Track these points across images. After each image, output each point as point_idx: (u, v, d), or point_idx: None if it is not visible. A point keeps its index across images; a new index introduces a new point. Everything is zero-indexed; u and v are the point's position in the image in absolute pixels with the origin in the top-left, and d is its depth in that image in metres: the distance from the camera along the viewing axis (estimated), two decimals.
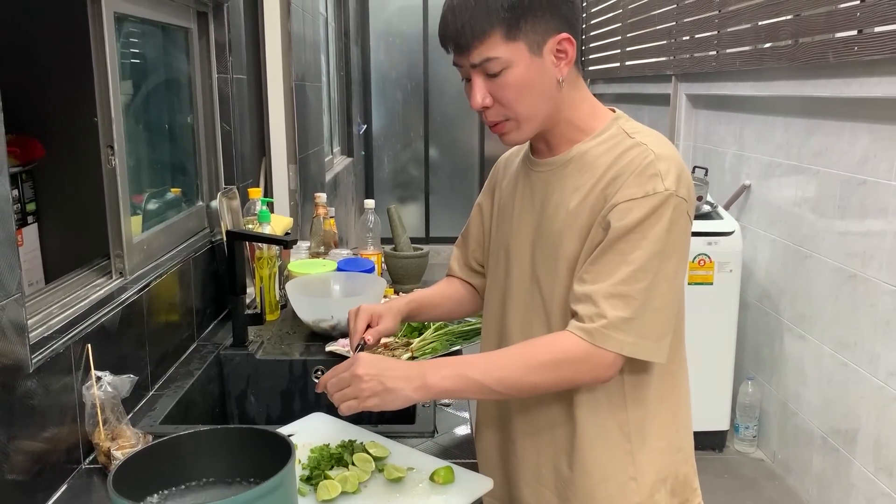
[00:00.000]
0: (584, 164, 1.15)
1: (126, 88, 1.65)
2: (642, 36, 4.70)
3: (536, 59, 1.09)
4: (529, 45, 1.08)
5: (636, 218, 1.06)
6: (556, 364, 1.09)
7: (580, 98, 1.17)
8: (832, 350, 2.79)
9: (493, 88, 1.11)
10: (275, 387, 1.79)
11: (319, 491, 1.12)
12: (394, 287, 2.28)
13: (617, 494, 1.18)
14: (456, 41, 1.09)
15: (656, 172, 1.08)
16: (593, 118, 1.18)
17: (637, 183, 1.08)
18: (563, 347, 1.08)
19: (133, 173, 1.65)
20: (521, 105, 1.11)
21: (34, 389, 1.12)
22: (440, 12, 1.12)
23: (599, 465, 1.18)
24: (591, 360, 1.07)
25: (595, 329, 1.06)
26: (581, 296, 1.09)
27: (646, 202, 1.07)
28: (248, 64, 2.51)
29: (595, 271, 1.09)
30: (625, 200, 1.07)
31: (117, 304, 1.42)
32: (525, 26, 1.07)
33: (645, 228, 1.06)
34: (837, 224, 2.76)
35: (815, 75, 2.79)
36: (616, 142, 1.14)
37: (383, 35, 6.84)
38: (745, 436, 3.35)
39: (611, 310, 1.06)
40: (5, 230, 1.06)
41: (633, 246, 1.06)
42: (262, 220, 2.02)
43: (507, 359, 1.12)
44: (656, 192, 1.07)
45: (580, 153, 1.16)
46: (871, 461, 2.54)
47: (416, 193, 7.13)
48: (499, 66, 1.08)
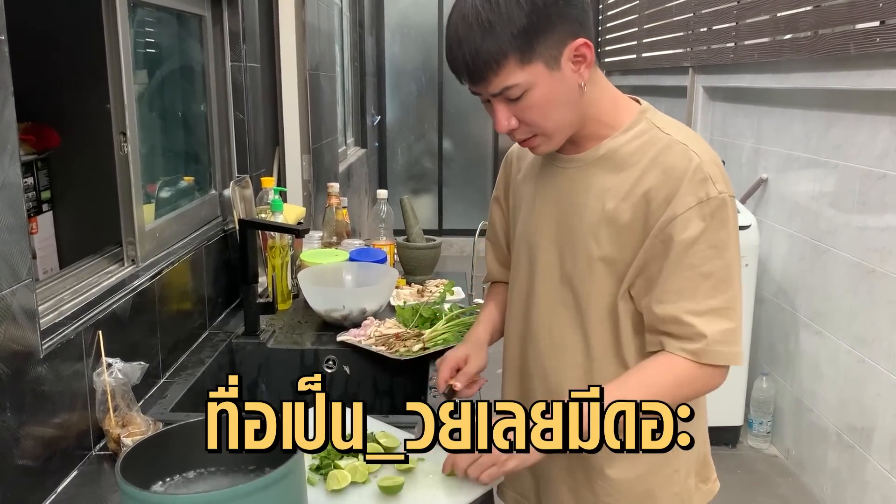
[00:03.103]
0: (616, 162, 1.12)
1: (140, 76, 1.65)
2: (659, 27, 4.65)
3: (556, 74, 1.04)
4: (546, 62, 1.03)
5: (699, 228, 1.05)
6: (676, 387, 1.09)
7: (599, 92, 1.13)
8: (849, 346, 2.75)
9: (517, 111, 1.07)
10: (286, 376, 1.78)
11: (329, 481, 1.12)
12: (406, 278, 2.27)
13: (659, 487, 1.20)
14: (468, 74, 1.05)
15: (706, 177, 1.06)
16: (616, 111, 1.14)
17: (690, 190, 1.06)
18: (677, 371, 1.08)
19: (146, 161, 1.65)
20: (547, 121, 1.08)
21: (45, 375, 1.12)
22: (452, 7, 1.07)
23: (649, 460, 1.18)
24: (703, 377, 1.09)
25: (700, 349, 1.07)
26: (668, 318, 1.08)
27: (703, 209, 1.05)
28: (262, 53, 2.50)
29: (674, 291, 1.07)
30: (683, 211, 1.05)
31: (129, 292, 1.42)
32: (539, 46, 1.01)
33: (711, 237, 1.06)
34: (856, 219, 2.72)
35: (836, 67, 2.75)
36: (648, 138, 1.11)
37: (398, 27, 6.82)
38: (758, 432, 3.32)
39: (707, 326, 1.06)
40: (17, 217, 1.06)
41: (703, 258, 1.06)
42: (275, 209, 2.02)
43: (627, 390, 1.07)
44: (710, 197, 1.05)
45: (611, 150, 1.12)
46: (888, 459, 2.51)
47: (429, 185, 7.11)
48: (519, 91, 1.04)
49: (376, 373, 1.76)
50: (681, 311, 1.07)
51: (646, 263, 1.09)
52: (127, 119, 1.49)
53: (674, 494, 1.22)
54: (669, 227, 1.06)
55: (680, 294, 1.07)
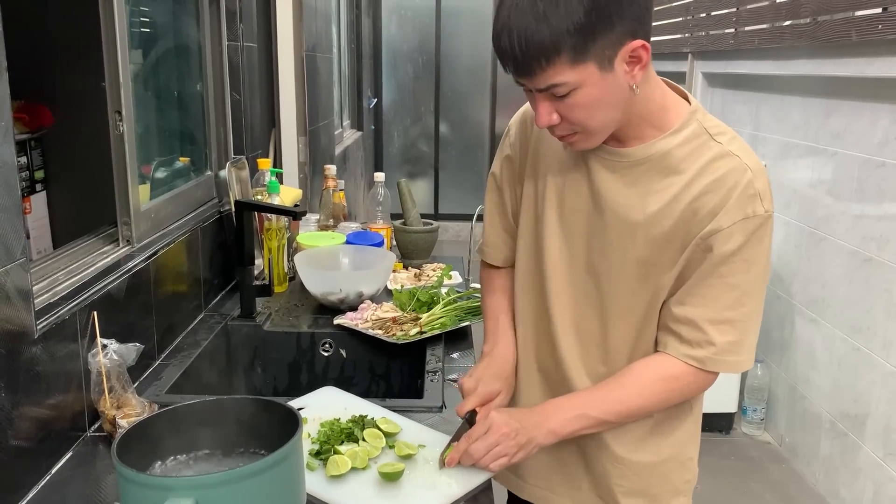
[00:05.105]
0: (665, 165, 1.08)
1: (135, 55, 1.63)
2: (659, 12, 4.62)
3: (608, 75, 0.98)
4: (599, 62, 0.96)
5: (739, 242, 1.05)
6: (669, 391, 1.13)
7: (650, 90, 1.07)
8: (844, 334, 2.76)
9: (561, 108, 1.01)
10: (282, 359, 1.77)
11: (329, 466, 1.11)
12: (403, 262, 2.26)
13: (672, 471, 1.22)
14: (515, 66, 0.98)
15: (755, 193, 1.04)
16: (666, 111, 1.09)
17: (739, 205, 1.04)
18: (674, 374, 1.11)
19: (141, 141, 1.63)
20: (592, 121, 1.02)
21: (39, 356, 1.11)
22: None
23: (669, 445, 1.20)
24: (699, 381, 1.12)
25: (706, 357, 1.08)
26: (683, 318, 1.09)
27: (747, 225, 1.04)
28: (258, 32, 2.47)
29: (698, 295, 1.08)
30: (729, 225, 1.04)
31: (124, 272, 1.41)
32: (594, 46, 0.95)
33: (746, 252, 1.05)
34: (854, 207, 2.72)
35: (837, 54, 2.73)
36: (699, 143, 1.07)
37: (395, 8, 6.77)
38: (752, 418, 3.33)
39: (718, 336, 1.07)
40: (11, 196, 1.04)
41: (734, 269, 1.06)
42: (272, 190, 2.00)
43: (623, 391, 1.13)
44: (756, 214, 1.04)
45: (660, 153, 1.07)
46: (881, 446, 2.53)
47: (425, 169, 7.09)
48: (566, 90, 0.98)
49: (373, 356, 1.76)
50: (698, 317, 1.08)
51: (683, 270, 1.09)
52: (122, 98, 1.47)
53: (685, 481, 1.24)
54: (712, 238, 1.05)
55: (703, 300, 1.08)
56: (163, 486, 0.82)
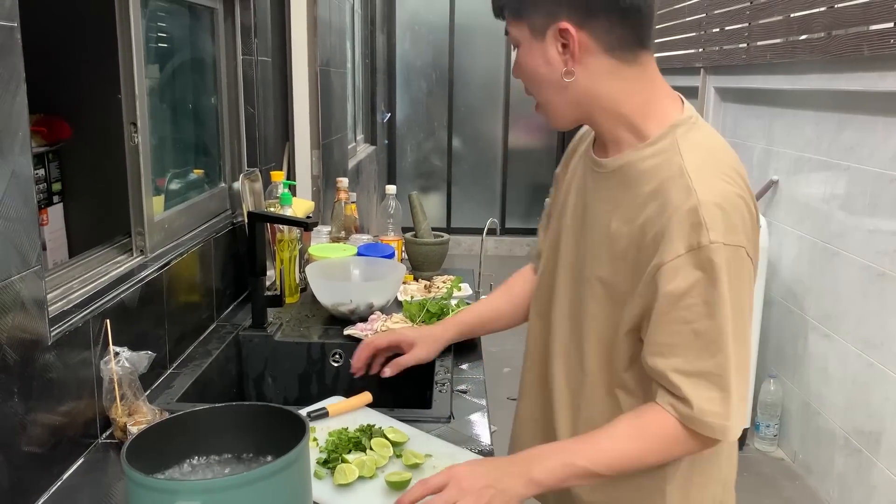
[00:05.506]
0: (628, 178, 1.02)
1: (151, 69, 1.65)
2: (671, 27, 4.63)
3: (537, 44, 1.01)
4: (531, 26, 1.01)
5: (688, 282, 0.93)
6: (667, 448, 1.02)
7: (632, 90, 1.01)
8: (858, 350, 2.74)
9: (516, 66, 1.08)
10: (293, 369, 1.78)
11: (336, 475, 1.11)
12: (413, 273, 2.27)
13: None
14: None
15: (699, 221, 0.92)
16: (646, 117, 1.02)
17: (680, 235, 0.93)
18: (667, 430, 1.00)
19: (156, 153, 1.65)
20: (531, 87, 1.07)
21: (52, 363, 1.13)
22: (467, 4, 1.13)
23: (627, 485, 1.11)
24: (696, 438, 1.00)
25: (688, 415, 0.98)
26: (656, 373, 1.00)
27: (692, 259, 0.93)
28: (273, 47, 2.50)
29: (665, 344, 0.97)
30: (671, 259, 0.94)
31: (137, 282, 1.42)
32: (524, 9, 1.01)
33: (702, 292, 0.94)
34: (867, 221, 2.70)
35: (849, 69, 2.73)
36: (664, 159, 0.99)
37: (409, 24, 6.82)
38: (765, 434, 3.30)
39: (693, 391, 0.96)
40: (27, 206, 1.06)
41: (695, 314, 0.94)
42: (284, 202, 2.02)
43: (613, 442, 1.01)
44: (701, 245, 0.92)
45: (628, 164, 1.02)
46: (895, 463, 2.50)
47: (438, 183, 7.11)
48: (514, 43, 1.05)
49: None
50: (668, 368, 0.98)
51: (644, 309, 1.00)
52: (138, 109, 1.49)
53: None
54: (658, 274, 0.96)
55: (670, 349, 0.97)
56: (170, 490, 0.82)
